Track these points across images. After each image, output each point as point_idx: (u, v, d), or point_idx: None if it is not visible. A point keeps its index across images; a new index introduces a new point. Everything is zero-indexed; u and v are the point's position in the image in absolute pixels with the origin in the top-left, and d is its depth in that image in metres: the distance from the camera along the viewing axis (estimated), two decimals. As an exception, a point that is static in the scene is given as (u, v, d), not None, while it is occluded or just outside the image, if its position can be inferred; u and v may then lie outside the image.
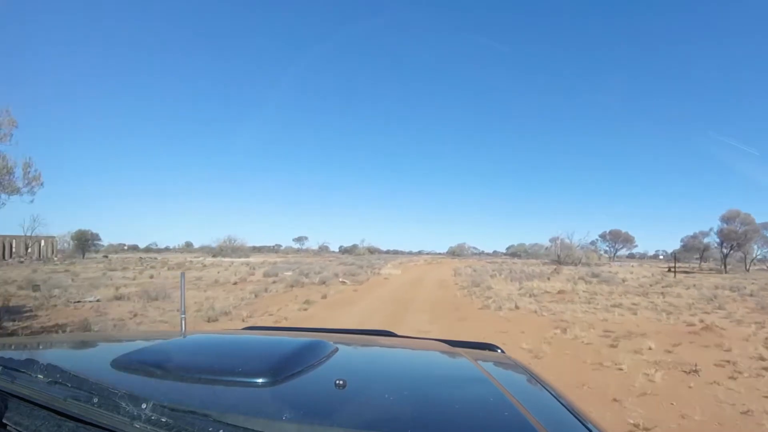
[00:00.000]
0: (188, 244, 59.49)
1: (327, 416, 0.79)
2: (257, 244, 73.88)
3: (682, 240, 44.31)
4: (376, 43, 69.72)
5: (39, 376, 0.75)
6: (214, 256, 47.86)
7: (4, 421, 0.69)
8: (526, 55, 68.93)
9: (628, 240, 57.03)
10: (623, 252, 59.42)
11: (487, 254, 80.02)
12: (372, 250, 69.43)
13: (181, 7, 66.27)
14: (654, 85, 66.39)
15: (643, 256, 67.85)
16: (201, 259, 41.49)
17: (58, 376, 0.73)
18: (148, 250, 69.39)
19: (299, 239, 76.24)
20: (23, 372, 0.77)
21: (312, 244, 74.03)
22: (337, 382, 0.85)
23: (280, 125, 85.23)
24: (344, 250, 70.15)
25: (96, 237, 51.26)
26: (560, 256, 41.43)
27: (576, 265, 38.35)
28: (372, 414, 0.81)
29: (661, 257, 69.76)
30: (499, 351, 1.51)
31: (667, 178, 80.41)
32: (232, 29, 73.67)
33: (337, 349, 1.14)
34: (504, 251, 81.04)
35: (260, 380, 0.86)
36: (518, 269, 27.51)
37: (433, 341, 1.60)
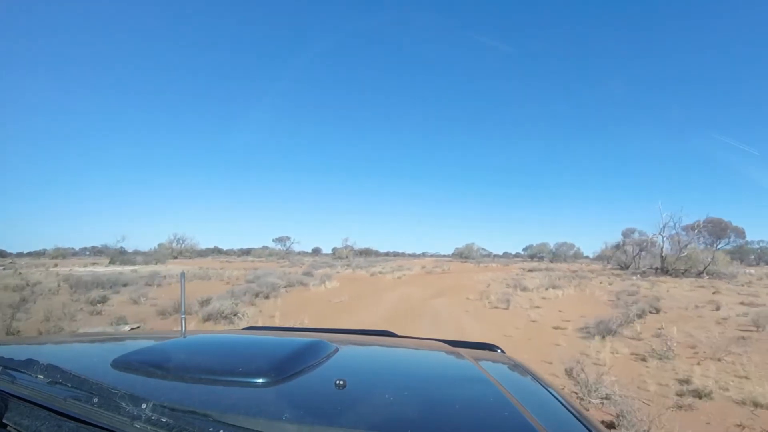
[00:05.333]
0: (165, 246, 49.49)
1: (327, 416, 0.78)
2: (245, 246, 66.52)
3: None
4: (378, 41, 64.52)
5: (39, 376, 0.74)
6: (111, 262, 30.90)
7: (5, 421, 0.69)
8: (532, 51, 63.47)
9: (736, 232, 35.42)
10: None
11: (499, 256, 65.63)
12: (366, 252, 62.87)
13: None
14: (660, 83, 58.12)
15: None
16: (55, 267, 24.43)
17: (58, 376, 0.73)
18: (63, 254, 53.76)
19: (280, 239, 61.15)
20: (23, 372, 0.76)
21: (303, 245, 65.23)
22: (337, 382, 0.85)
23: (280, 121, 78.52)
24: (336, 251, 60.95)
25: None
26: (665, 259, 25.52)
27: (700, 274, 22.17)
28: (372, 414, 0.80)
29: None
30: (498, 351, 1.49)
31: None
32: (222, 32, 67.81)
33: (337, 350, 1.14)
34: (515, 253, 76.43)
35: (260, 380, 0.86)
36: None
37: (434, 341, 1.58)
